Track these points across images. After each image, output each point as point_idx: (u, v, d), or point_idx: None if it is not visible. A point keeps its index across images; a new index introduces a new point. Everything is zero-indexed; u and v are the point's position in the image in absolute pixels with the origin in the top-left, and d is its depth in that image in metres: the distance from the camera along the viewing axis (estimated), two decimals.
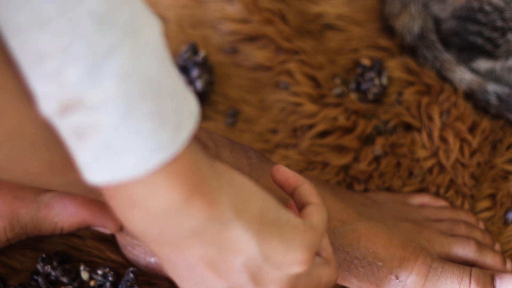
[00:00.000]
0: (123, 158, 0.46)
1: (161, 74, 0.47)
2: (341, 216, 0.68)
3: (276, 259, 0.52)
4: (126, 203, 0.49)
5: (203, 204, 0.49)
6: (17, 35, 0.44)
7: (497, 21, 0.80)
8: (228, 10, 0.84)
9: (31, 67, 0.45)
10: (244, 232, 0.51)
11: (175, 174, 0.48)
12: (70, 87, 0.45)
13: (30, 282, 0.69)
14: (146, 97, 0.46)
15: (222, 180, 0.51)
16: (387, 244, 0.67)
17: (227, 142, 0.67)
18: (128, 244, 0.70)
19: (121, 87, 0.45)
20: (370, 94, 0.81)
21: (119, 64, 0.45)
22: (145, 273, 0.70)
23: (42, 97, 0.46)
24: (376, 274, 0.67)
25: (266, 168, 0.67)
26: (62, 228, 0.68)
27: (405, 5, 0.84)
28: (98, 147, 0.46)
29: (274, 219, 0.53)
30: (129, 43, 0.45)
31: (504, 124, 0.80)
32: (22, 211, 0.67)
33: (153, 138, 0.46)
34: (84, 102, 0.45)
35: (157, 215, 0.49)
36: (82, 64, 0.44)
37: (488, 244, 0.73)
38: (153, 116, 0.46)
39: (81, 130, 0.46)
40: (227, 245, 0.51)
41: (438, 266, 0.67)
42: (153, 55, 0.46)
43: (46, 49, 0.44)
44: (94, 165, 0.47)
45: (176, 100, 0.47)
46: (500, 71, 0.82)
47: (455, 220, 0.73)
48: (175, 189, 0.48)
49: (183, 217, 0.49)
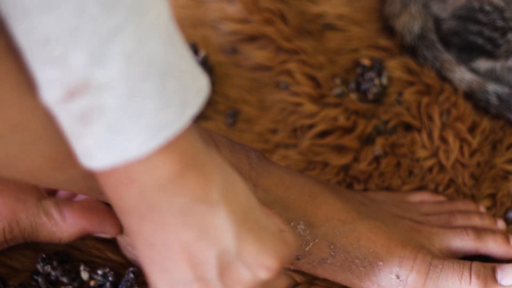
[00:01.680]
0: (128, 139, 0.46)
1: (167, 53, 0.47)
2: (341, 215, 0.68)
3: (248, 258, 0.53)
4: (122, 181, 0.49)
5: (196, 181, 0.50)
6: (23, 19, 0.44)
7: (498, 21, 0.80)
8: (228, 10, 0.84)
9: (36, 53, 0.45)
10: (226, 219, 0.51)
11: (173, 150, 0.48)
12: (76, 70, 0.45)
13: (30, 282, 0.69)
14: (150, 77, 0.46)
15: (215, 165, 0.51)
16: (387, 243, 0.67)
17: (227, 142, 0.67)
18: (128, 245, 0.70)
19: (126, 67, 0.45)
20: (370, 94, 0.81)
21: (123, 44, 0.45)
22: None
23: (46, 83, 0.46)
24: (377, 274, 0.67)
25: (266, 167, 0.67)
26: (60, 238, 0.68)
27: (405, 5, 0.84)
28: (103, 130, 0.46)
29: (256, 218, 0.53)
30: (134, 24, 0.45)
31: (504, 124, 0.80)
32: (22, 215, 0.67)
33: (157, 117, 0.47)
34: (90, 84, 0.45)
35: (150, 190, 0.49)
36: (88, 46, 0.45)
37: (488, 226, 0.72)
38: (157, 95, 0.46)
39: (86, 114, 0.46)
40: (208, 231, 0.51)
41: (438, 263, 0.67)
42: (158, 35, 0.46)
43: (52, 32, 0.44)
44: (97, 150, 0.47)
45: (183, 79, 0.48)
46: (500, 71, 0.82)
47: (452, 212, 0.73)
48: (171, 163, 0.48)
49: (174, 192, 0.49)
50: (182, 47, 0.48)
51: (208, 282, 0.53)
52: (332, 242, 0.67)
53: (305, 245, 0.67)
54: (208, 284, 0.53)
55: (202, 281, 0.53)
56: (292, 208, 0.67)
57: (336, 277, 0.68)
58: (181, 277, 0.53)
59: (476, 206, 0.75)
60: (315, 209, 0.67)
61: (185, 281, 0.53)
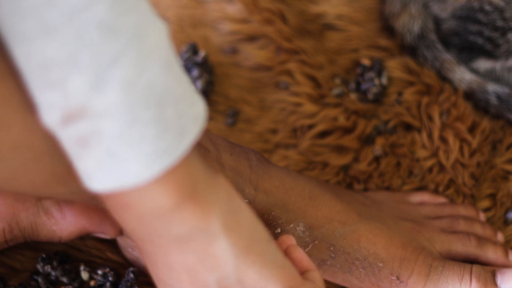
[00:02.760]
0: (126, 166, 0.46)
1: (166, 80, 0.47)
2: (341, 217, 0.68)
3: (249, 284, 0.53)
4: (119, 205, 0.49)
5: (193, 213, 0.50)
6: (22, 43, 0.44)
7: (498, 21, 0.80)
8: (228, 10, 0.84)
9: (35, 76, 0.45)
10: (226, 249, 0.51)
11: (170, 181, 0.48)
12: (75, 95, 0.45)
13: (30, 282, 0.69)
14: (149, 105, 0.46)
15: (218, 195, 0.51)
16: (387, 245, 0.67)
17: (228, 145, 0.67)
18: (128, 246, 0.70)
19: (125, 95, 0.45)
20: (370, 94, 0.81)
21: (123, 72, 0.45)
22: (145, 273, 0.70)
23: (45, 106, 0.46)
24: (377, 275, 0.67)
25: (267, 170, 0.67)
26: (60, 237, 0.68)
27: (405, 5, 0.84)
28: (102, 155, 0.46)
29: (260, 250, 0.53)
30: (134, 51, 0.45)
31: (504, 124, 0.80)
32: (22, 214, 0.67)
33: (156, 145, 0.47)
34: (88, 110, 0.45)
35: (147, 217, 0.49)
36: (87, 73, 0.44)
37: (489, 236, 0.73)
38: (156, 122, 0.46)
39: (85, 138, 0.46)
40: (208, 258, 0.51)
41: (439, 265, 0.67)
42: (158, 62, 0.46)
43: (51, 57, 0.44)
44: (96, 173, 0.47)
45: (181, 105, 0.47)
46: (500, 71, 0.81)
47: (454, 216, 0.73)
48: (168, 194, 0.48)
49: (171, 222, 0.49)
50: (180, 72, 0.48)
51: None
52: (332, 244, 0.67)
53: (305, 246, 0.67)
54: None
55: None
56: (292, 210, 0.67)
57: (336, 278, 0.68)
58: None
59: (478, 213, 0.75)
60: (315, 210, 0.67)
61: None
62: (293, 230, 0.66)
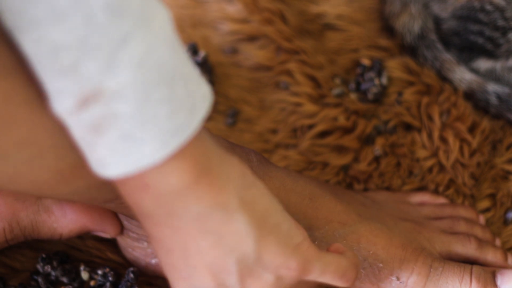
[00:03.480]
0: (142, 146, 0.47)
1: (173, 60, 0.47)
2: (341, 217, 0.68)
3: (268, 261, 0.53)
4: (138, 187, 0.49)
5: (211, 189, 0.50)
6: (32, 29, 0.44)
7: (498, 21, 0.80)
8: (228, 10, 0.84)
9: (46, 63, 0.45)
10: (245, 225, 0.51)
11: (185, 157, 0.48)
12: (88, 78, 0.45)
13: (30, 282, 0.69)
14: (160, 83, 0.47)
15: (232, 171, 0.51)
16: (387, 245, 0.67)
17: (228, 146, 0.67)
18: (128, 246, 0.70)
19: (137, 74, 0.46)
20: (370, 94, 0.81)
21: (133, 52, 0.45)
22: (145, 273, 0.71)
23: (57, 94, 0.46)
24: (377, 275, 0.67)
25: (267, 171, 0.67)
26: (61, 234, 0.68)
27: (405, 5, 0.84)
28: (116, 139, 0.47)
29: (276, 222, 0.53)
30: (142, 31, 0.45)
31: (504, 124, 0.80)
32: (22, 214, 0.67)
33: (170, 122, 0.47)
34: (103, 92, 0.45)
35: (166, 197, 0.49)
36: (98, 55, 0.45)
37: (489, 239, 0.73)
38: (168, 100, 0.47)
39: (99, 123, 0.46)
40: (226, 237, 0.51)
41: (439, 266, 0.67)
42: (165, 42, 0.47)
43: (62, 42, 0.44)
44: (112, 158, 0.47)
45: (189, 85, 0.48)
46: (500, 71, 0.81)
47: (454, 217, 0.73)
48: (184, 171, 0.49)
49: (190, 199, 0.50)
50: (185, 54, 0.49)
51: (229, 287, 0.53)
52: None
53: None
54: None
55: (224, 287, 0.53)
56: (292, 212, 0.67)
57: None
58: (202, 284, 0.53)
59: (477, 215, 0.75)
60: (315, 211, 0.67)
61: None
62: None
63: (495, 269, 0.68)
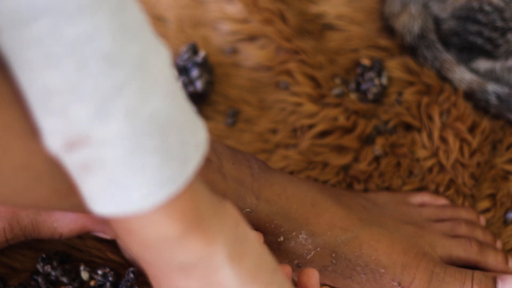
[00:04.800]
0: (129, 193, 0.46)
1: (169, 109, 0.47)
2: (343, 223, 0.67)
3: None
4: (123, 229, 0.49)
5: (198, 242, 0.49)
6: (25, 70, 0.44)
7: (497, 21, 0.80)
8: (228, 10, 0.84)
9: (38, 102, 0.45)
10: (231, 279, 0.51)
11: (174, 209, 0.48)
12: (77, 124, 0.45)
13: (30, 282, 0.69)
14: (152, 133, 0.46)
15: (224, 224, 0.51)
16: (389, 251, 0.67)
17: (230, 153, 0.67)
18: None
19: (128, 125, 0.45)
20: (370, 94, 0.81)
21: (126, 102, 0.45)
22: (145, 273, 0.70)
23: (48, 132, 0.46)
24: (379, 281, 0.67)
25: (268, 177, 0.67)
26: (61, 233, 0.68)
27: (405, 5, 0.84)
28: (104, 182, 0.46)
29: (267, 280, 0.53)
30: (138, 81, 0.45)
31: (504, 124, 0.80)
32: (22, 213, 0.67)
33: (159, 173, 0.46)
34: (91, 139, 0.45)
35: (151, 244, 0.49)
36: (89, 103, 0.44)
37: (489, 242, 0.73)
38: (159, 151, 0.46)
39: (88, 164, 0.46)
40: (211, 286, 0.51)
41: (440, 271, 0.67)
42: (161, 90, 0.46)
43: (53, 86, 0.44)
44: (100, 197, 0.47)
45: (184, 134, 0.47)
46: (500, 71, 0.82)
47: (455, 219, 0.73)
48: (171, 223, 0.48)
49: (176, 250, 0.49)
50: (183, 99, 0.48)
51: None
52: (334, 250, 0.67)
53: (307, 253, 0.67)
54: None
55: None
56: (294, 218, 0.67)
57: (337, 283, 0.68)
58: None
59: (478, 217, 0.75)
60: (317, 218, 0.67)
61: None
62: (296, 238, 0.66)
63: (496, 275, 0.68)
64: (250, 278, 0.52)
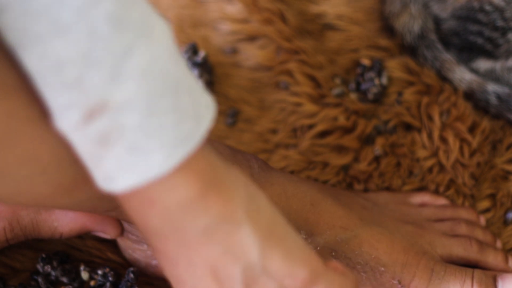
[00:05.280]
0: (149, 158, 0.47)
1: (176, 70, 0.47)
2: (343, 222, 0.68)
3: (274, 270, 0.52)
4: (144, 203, 0.49)
5: (218, 201, 0.50)
6: (36, 44, 0.44)
7: (498, 21, 0.80)
8: (228, 10, 0.84)
9: (51, 78, 0.45)
10: (250, 235, 0.51)
11: (192, 169, 0.48)
12: (94, 91, 0.45)
13: (30, 282, 0.69)
14: (165, 92, 0.47)
15: (238, 182, 0.51)
16: (389, 249, 0.67)
17: (230, 153, 0.67)
18: (128, 248, 0.70)
19: (142, 85, 0.46)
20: (370, 94, 0.81)
21: (137, 62, 0.45)
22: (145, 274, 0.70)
23: (62, 109, 0.46)
24: (379, 279, 0.67)
25: (268, 177, 0.67)
26: (61, 233, 0.68)
27: (405, 5, 0.84)
28: (123, 151, 0.47)
29: (281, 233, 0.53)
30: (144, 41, 0.46)
31: (504, 124, 0.80)
32: (22, 213, 0.67)
33: (176, 132, 0.47)
34: (109, 104, 0.46)
35: (173, 211, 0.49)
36: (103, 67, 0.45)
37: (489, 242, 0.73)
38: (174, 110, 0.47)
39: (106, 136, 0.46)
40: (233, 247, 0.51)
41: (441, 270, 0.67)
42: (167, 52, 0.47)
43: (66, 56, 0.44)
44: (119, 172, 0.47)
45: (193, 93, 0.48)
46: (500, 71, 0.81)
47: (455, 219, 0.73)
48: (191, 183, 0.49)
49: (197, 212, 0.49)
50: (186, 65, 0.49)
51: None
52: (334, 249, 0.67)
53: None
54: None
55: None
56: (294, 218, 0.67)
57: None
58: None
59: (478, 217, 0.75)
60: (317, 217, 0.67)
61: None
62: None
63: (496, 274, 0.68)
64: (268, 233, 0.52)
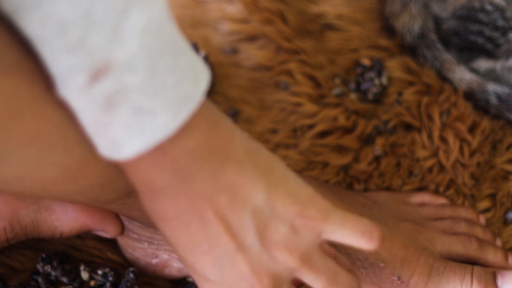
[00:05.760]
0: (155, 118, 0.47)
1: (172, 31, 0.48)
2: None
3: (282, 210, 0.53)
4: (156, 155, 0.49)
5: (221, 141, 0.51)
6: (37, 7, 0.45)
7: (498, 21, 0.80)
8: (228, 10, 0.84)
9: (54, 41, 0.46)
10: (253, 175, 0.52)
11: (198, 115, 0.50)
12: (97, 51, 0.46)
13: (30, 282, 0.69)
14: (165, 52, 0.47)
15: (233, 125, 0.53)
16: (389, 246, 0.67)
17: None
18: (128, 247, 0.70)
19: (142, 43, 0.46)
20: (370, 94, 0.81)
21: (136, 21, 0.46)
22: (145, 273, 0.71)
23: (67, 73, 0.46)
24: (378, 275, 0.67)
25: None
26: (62, 232, 0.68)
27: (405, 5, 0.84)
28: (130, 113, 0.47)
29: (281, 171, 0.53)
30: (140, 2, 0.46)
31: (504, 124, 0.80)
32: (23, 212, 0.67)
33: (177, 92, 0.48)
34: (112, 64, 0.46)
35: (182, 159, 0.50)
36: (104, 26, 0.45)
37: (489, 240, 0.73)
38: (173, 69, 0.48)
39: (111, 98, 0.47)
40: (238, 191, 0.52)
41: (440, 266, 0.67)
42: (163, 13, 0.48)
43: (67, 17, 0.45)
44: (126, 138, 0.48)
45: (189, 55, 0.49)
46: (500, 71, 0.81)
47: (455, 218, 0.73)
48: (198, 128, 0.50)
49: (204, 156, 0.50)
50: (178, 30, 0.50)
51: (250, 249, 0.53)
52: (333, 245, 0.67)
53: None
54: (251, 250, 0.53)
55: (244, 248, 0.53)
56: None
57: None
58: (224, 250, 0.53)
59: (478, 216, 0.75)
60: None
61: (229, 254, 0.53)
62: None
63: (495, 270, 0.68)
64: (269, 172, 0.53)
